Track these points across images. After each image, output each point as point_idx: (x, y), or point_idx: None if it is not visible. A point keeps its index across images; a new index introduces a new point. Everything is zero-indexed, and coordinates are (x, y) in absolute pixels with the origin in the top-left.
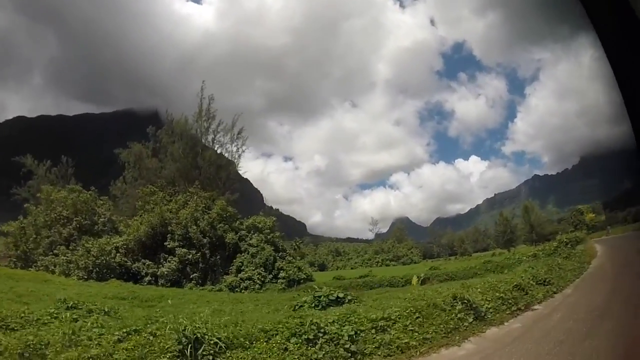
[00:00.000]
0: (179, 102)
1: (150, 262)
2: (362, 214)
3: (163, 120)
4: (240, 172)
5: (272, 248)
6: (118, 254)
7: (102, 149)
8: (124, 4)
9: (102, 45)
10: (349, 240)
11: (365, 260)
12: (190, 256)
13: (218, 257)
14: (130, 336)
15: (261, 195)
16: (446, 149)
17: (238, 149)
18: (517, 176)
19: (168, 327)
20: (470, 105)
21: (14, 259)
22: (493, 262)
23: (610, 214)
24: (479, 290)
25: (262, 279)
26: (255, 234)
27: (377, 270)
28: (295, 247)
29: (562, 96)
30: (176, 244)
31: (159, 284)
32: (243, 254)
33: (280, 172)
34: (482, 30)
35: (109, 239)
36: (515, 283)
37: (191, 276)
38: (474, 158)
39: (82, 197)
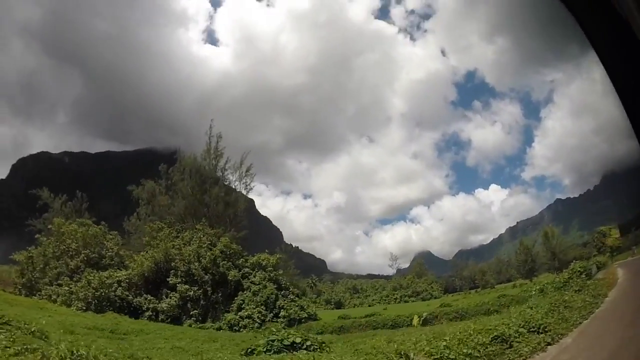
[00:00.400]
0: (199, 141)
1: (152, 297)
2: (383, 249)
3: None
4: (259, 210)
5: (275, 286)
6: (120, 288)
7: (121, 185)
8: (144, 46)
9: (123, 86)
10: (369, 276)
11: (383, 297)
12: (191, 293)
13: (220, 294)
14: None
15: (280, 233)
16: (465, 179)
17: (247, 186)
18: (539, 202)
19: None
20: (486, 133)
21: (20, 287)
22: (508, 296)
23: (637, 232)
24: (444, 343)
25: (263, 318)
26: (259, 272)
27: (392, 307)
28: (312, 284)
29: (578, 115)
30: (178, 280)
31: (159, 319)
32: (245, 292)
33: (299, 209)
34: (492, 57)
35: (112, 273)
36: (496, 333)
37: (191, 313)
38: (493, 187)
39: (92, 230)
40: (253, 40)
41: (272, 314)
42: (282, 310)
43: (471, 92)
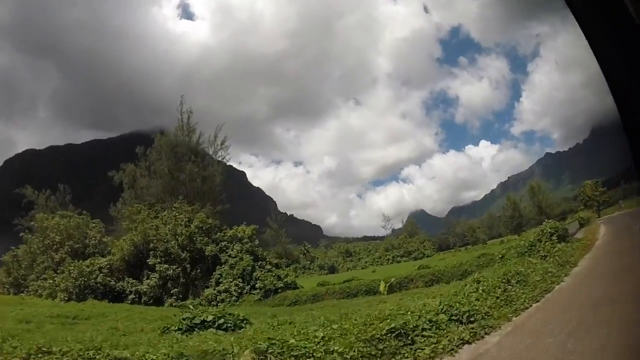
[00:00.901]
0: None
1: (135, 280)
2: (377, 211)
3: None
4: (251, 181)
5: (251, 257)
6: (100, 274)
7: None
8: (118, 30)
9: (102, 72)
10: (365, 239)
11: (375, 259)
12: (170, 272)
13: (198, 270)
14: None
15: (274, 202)
16: (455, 136)
17: (222, 159)
18: (529, 156)
19: None
20: (474, 89)
21: (7, 286)
22: (487, 255)
23: (625, 186)
24: (320, 333)
25: (240, 290)
26: (237, 244)
27: (381, 269)
28: (305, 251)
29: (566, 69)
30: (158, 260)
31: (142, 301)
32: (223, 266)
33: (291, 177)
34: (476, 11)
35: (93, 260)
36: (394, 324)
37: (171, 292)
38: (483, 143)
39: (73, 221)
40: (229, 10)
41: (249, 286)
42: (257, 281)
43: (456, 48)
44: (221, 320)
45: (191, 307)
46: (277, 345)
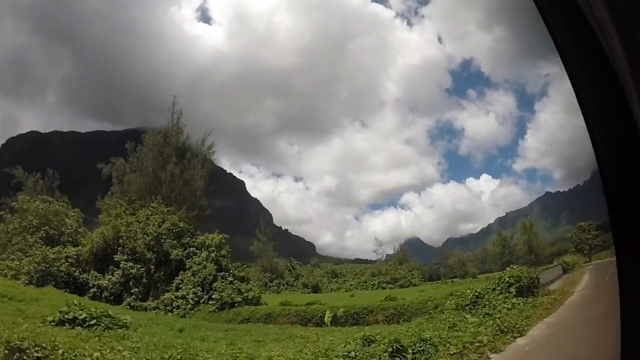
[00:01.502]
0: (188, 120)
1: (100, 275)
2: (372, 234)
3: (173, 140)
4: (250, 192)
5: (215, 267)
6: (65, 264)
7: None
8: (136, 24)
9: (114, 65)
10: (357, 261)
11: (360, 283)
12: (133, 270)
13: (162, 273)
14: None
15: (270, 215)
16: (457, 167)
17: (203, 165)
18: (529, 194)
19: None
20: (480, 123)
21: None
22: (457, 295)
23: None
24: None
25: (197, 299)
26: (204, 252)
27: (360, 294)
28: (290, 268)
29: (572, 110)
30: (124, 257)
31: (102, 296)
32: (186, 272)
33: (290, 192)
34: (489, 46)
35: (61, 249)
36: None
37: (132, 290)
38: (485, 176)
39: (52, 207)
40: (246, 20)
41: (207, 296)
42: (215, 292)
43: (466, 80)
44: (93, 321)
45: (75, 303)
46: None
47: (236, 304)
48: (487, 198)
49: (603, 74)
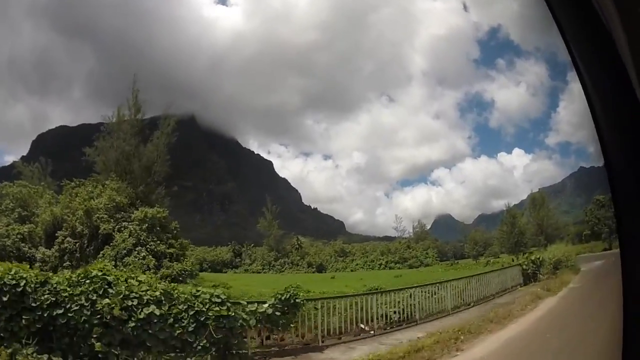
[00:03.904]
0: (214, 102)
1: (46, 250)
2: (403, 211)
3: (199, 124)
4: (278, 172)
5: (133, 241)
6: (16, 240)
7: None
8: (152, 12)
9: (135, 54)
10: (386, 239)
11: (367, 262)
12: (69, 245)
13: (92, 247)
14: None
15: (299, 194)
16: (488, 141)
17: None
18: (562, 169)
19: None
20: (510, 94)
21: None
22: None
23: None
24: None
25: None
26: (132, 226)
27: (355, 275)
28: (297, 246)
29: None
30: (65, 232)
31: (43, 269)
32: (109, 247)
33: (319, 170)
34: (517, 10)
35: (15, 226)
36: None
37: (64, 264)
38: (517, 151)
39: (26, 190)
40: None
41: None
42: (124, 267)
43: (495, 50)
44: None
45: None
46: None
47: None
48: (519, 173)
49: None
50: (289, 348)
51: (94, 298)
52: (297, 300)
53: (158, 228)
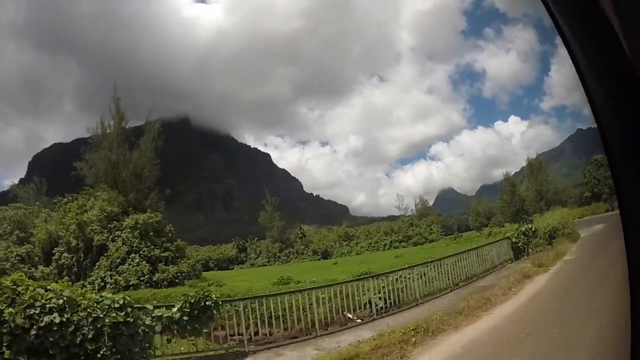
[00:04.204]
0: (206, 103)
1: (44, 267)
2: (405, 189)
3: (193, 125)
4: (276, 163)
5: (127, 249)
6: (14, 262)
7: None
8: (131, 18)
9: (120, 62)
10: (390, 218)
11: (372, 244)
12: (65, 260)
13: (88, 260)
14: None
15: (300, 183)
16: (483, 112)
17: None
18: (559, 133)
19: None
20: (501, 62)
21: None
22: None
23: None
24: None
25: (104, 284)
26: (126, 233)
27: (355, 259)
28: (301, 235)
29: None
30: (61, 249)
31: None
32: (104, 257)
33: (317, 157)
34: None
35: (13, 248)
36: None
37: (62, 280)
38: (513, 118)
39: (21, 212)
40: None
41: (112, 280)
42: (118, 275)
43: (481, 19)
44: None
45: None
46: None
47: (131, 287)
48: (517, 140)
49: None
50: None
51: (2, 308)
52: (207, 304)
53: (152, 233)
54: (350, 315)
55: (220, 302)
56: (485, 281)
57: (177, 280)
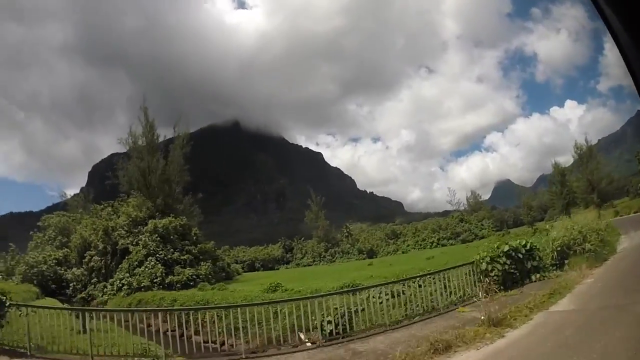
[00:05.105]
0: (252, 106)
1: (76, 269)
2: (460, 183)
3: (243, 128)
4: (329, 162)
5: (145, 252)
6: (50, 264)
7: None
8: (175, 31)
9: (168, 73)
10: (445, 213)
11: (418, 242)
12: (92, 263)
13: (114, 263)
14: None
15: (353, 181)
16: (537, 97)
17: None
18: (619, 115)
19: None
20: (552, 44)
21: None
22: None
23: None
24: None
25: (121, 284)
26: (144, 237)
27: (395, 259)
28: (347, 234)
29: None
30: (93, 252)
31: (77, 288)
32: (125, 260)
33: (370, 154)
34: None
35: (51, 252)
36: None
37: (92, 281)
38: (569, 103)
39: (64, 219)
40: None
41: (129, 280)
42: (136, 277)
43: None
44: None
45: None
46: None
47: (143, 289)
48: (574, 126)
49: None
50: None
51: None
52: None
53: (174, 236)
54: (302, 337)
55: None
56: (414, 330)
57: (191, 283)
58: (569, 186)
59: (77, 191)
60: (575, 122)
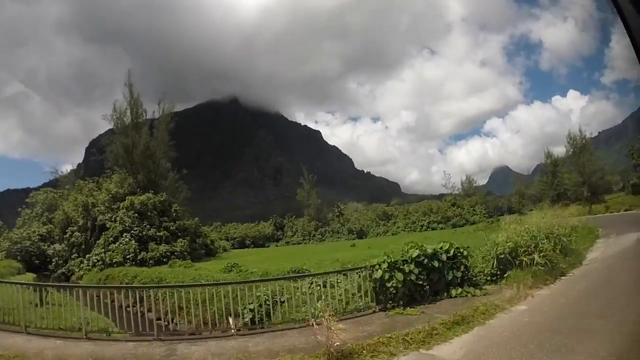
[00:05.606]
0: (252, 82)
1: (56, 245)
2: (459, 167)
3: (243, 104)
4: (327, 140)
5: (120, 228)
6: (34, 240)
7: (190, 143)
8: (173, 6)
9: (167, 48)
10: (441, 196)
11: (409, 224)
12: (75, 239)
13: (94, 239)
14: None
15: (351, 160)
16: (540, 85)
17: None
18: (622, 109)
19: None
20: (558, 32)
21: None
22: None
23: None
24: None
25: (97, 260)
26: (121, 214)
27: (380, 241)
28: (338, 214)
29: None
30: (74, 228)
31: (59, 263)
32: (102, 236)
33: (369, 133)
34: None
35: (36, 228)
36: None
37: (72, 256)
38: (572, 93)
39: (50, 196)
40: None
41: (105, 256)
42: (110, 252)
43: None
44: None
45: None
46: None
47: (115, 264)
48: (576, 117)
49: None
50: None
51: None
52: None
53: (152, 212)
54: (231, 322)
55: None
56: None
57: (165, 260)
58: (560, 177)
59: (69, 167)
60: (577, 113)
